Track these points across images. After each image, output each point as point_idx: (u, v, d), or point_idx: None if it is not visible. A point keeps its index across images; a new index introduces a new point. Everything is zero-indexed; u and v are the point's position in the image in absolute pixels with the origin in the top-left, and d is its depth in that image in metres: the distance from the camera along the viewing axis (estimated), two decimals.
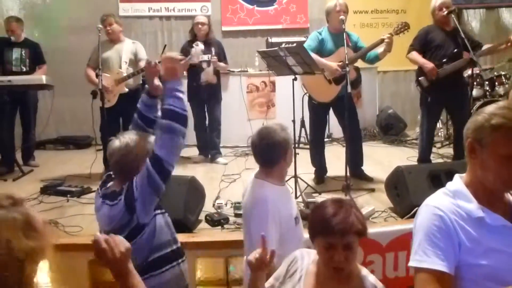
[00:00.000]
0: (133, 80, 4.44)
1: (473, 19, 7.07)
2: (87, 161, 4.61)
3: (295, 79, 3.92)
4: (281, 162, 2.11)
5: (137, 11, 6.52)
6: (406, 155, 4.95)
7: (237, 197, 3.52)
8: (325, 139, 4.85)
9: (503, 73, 5.59)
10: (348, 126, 3.85)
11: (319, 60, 3.91)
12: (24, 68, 4.88)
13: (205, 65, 4.87)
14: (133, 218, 1.86)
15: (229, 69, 5.53)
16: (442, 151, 5.19)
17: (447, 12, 4.03)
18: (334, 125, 5.22)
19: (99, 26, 4.28)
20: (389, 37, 3.80)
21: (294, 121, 3.84)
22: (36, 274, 1.05)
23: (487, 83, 5.57)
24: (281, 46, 3.83)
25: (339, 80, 3.99)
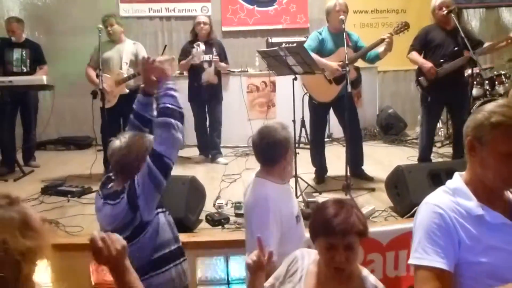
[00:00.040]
0: (134, 80, 4.44)
1: (473, 19, 7.07)
2: (88, 161, 4.61)
3: (295, 79, 3.92)
4: (282, 160, 2.12)
5: (137, 11, 6.53)
6: (406, 155, 4.95)
7: (237, 197, 3.52)
8: (326, 139, 4.85)
9: (503, 72, 5.58)
10: (348, 125, 3.85)
11: (319, 60, 3.91)
12: (24, 68, 4.88)
13: (206, 65, 4.88)
14: (136, 216, 1.88)
15: (230, 69, 5.53)
16: (442, 151, 5.19)
17: (447, 11, 4.04)
18: (334, 125, 5.23)
19: (100, 26, 4.29)
20: (389, 36, 3.80)
21: (294, 121, 3.84)
22: (34, 273, 1.04)
23: (487, 82, 5.57)
24: (281, 46, 3.84)
25: (339, 80, 3.99)
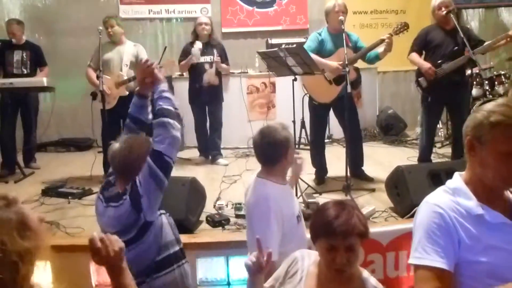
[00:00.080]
0: (134, 82, 4.44)
1: (473, 19, 7.07)
2: (88, 163, 4.62)
3: (295, 79, 3.93)
4: (283, 160, 2.13)
5: (137, 13, 6.53)
6: (406, 155, 4.95)
7: (237, 198, 3.52)
8: (326, 140, 4.85)
9: (503, 73, 5.58)
10: (348, 126, 3.85)
11: (319, 60, 3.91)
12: (25, 70, 4.89)
13: (207, 67, 4.88)
14: (140, 216, 1.90)
15: (230, 71, 5.54)
16: (442, 151, 5.18)
17: (446, 11, 4.04)
18: (334, 126, 5.22)
19: (100, 28, 4.29)
20: (389, 37, 3.81)
21: (294, 121, 3.85)
22: (32, 274, 1.04)
23: (486, 82, 5.57)
24: (281, 47, 3.84)
25: (339, 80, 3.99)
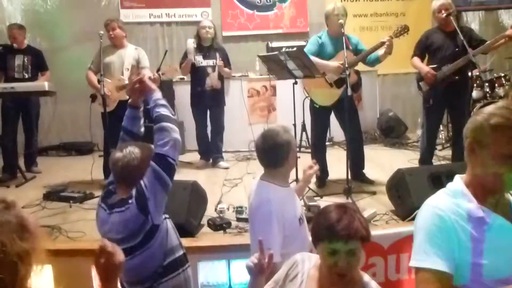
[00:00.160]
0: None
1: (472, 21, 7.07)
2: (89, 167, 4.62)
3: (296, 83, 3.94)
4: (285, 163, 2.14)
5: (138, 17, 6.56)
6: (407, 158, 4.95)
7: (239, 202, 3.53)
8: (327, 143, 4.85)
9: (503, 75, 5.59)
10: (349, 128, 3.85)
11: (320, 62, 3.91)
12: (26, 74, 4.90)
13: (210, 70, 4.89)
14: (148, 219, 1.92)
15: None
16: (442, 154, 5.18)
17: (446, 14, 4.05)
18: (335, 129, 5.23)
19: (101, 32, 4.30)
20: (389, 39, 3.81)
21: (295, 125, 3.85)
22: (30, 276, 1.07)
23: (487, 84, 5.58)
24: (282, 50, 3.85)
25: (340, 83, 4.00)
